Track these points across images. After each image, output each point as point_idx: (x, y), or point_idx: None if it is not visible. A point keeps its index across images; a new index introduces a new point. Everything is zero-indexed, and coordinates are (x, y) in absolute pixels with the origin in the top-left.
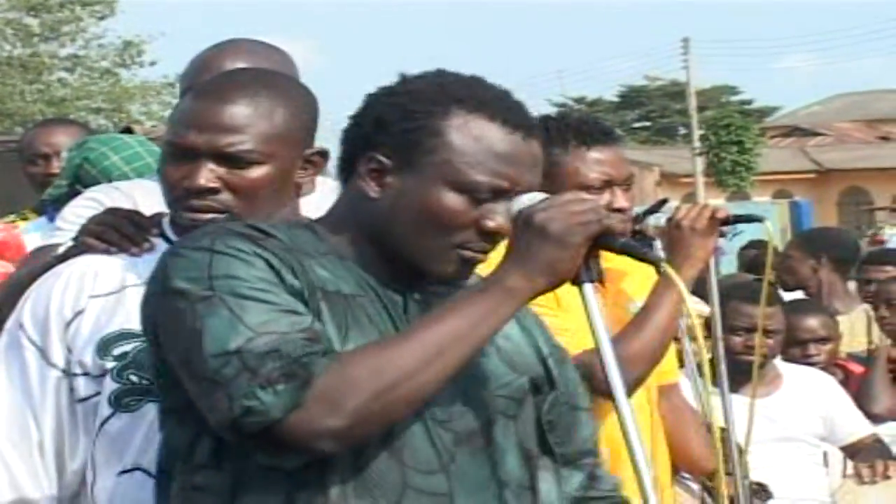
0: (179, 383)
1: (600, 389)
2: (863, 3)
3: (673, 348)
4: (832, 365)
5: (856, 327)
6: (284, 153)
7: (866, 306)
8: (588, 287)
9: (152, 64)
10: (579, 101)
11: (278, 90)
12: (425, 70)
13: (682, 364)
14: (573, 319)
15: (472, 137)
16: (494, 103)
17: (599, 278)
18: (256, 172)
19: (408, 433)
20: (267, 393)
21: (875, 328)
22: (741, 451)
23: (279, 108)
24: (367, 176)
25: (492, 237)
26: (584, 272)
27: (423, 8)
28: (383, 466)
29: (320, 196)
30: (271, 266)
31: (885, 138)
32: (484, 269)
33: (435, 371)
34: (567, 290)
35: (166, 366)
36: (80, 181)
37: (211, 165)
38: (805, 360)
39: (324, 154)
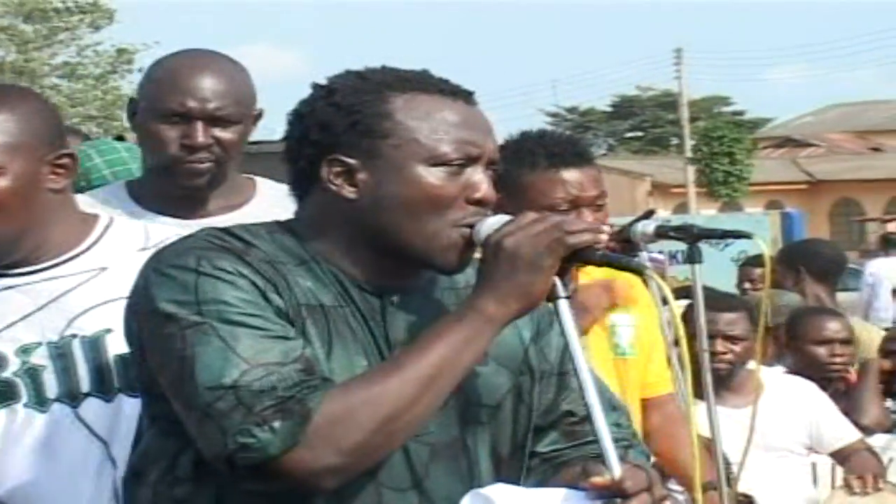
0: (166, 397)
1: None
2: (854, 15)
3: (664, 359)
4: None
5: None
6: (18, 163)
7: (848, 319)
8: (562, 303)
9: (140, 70)
10: (572, 110)
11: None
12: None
13: None
14: None
15: (421, 112)
16: (421, 79)
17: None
18: None
19: None
20: (263, 431)
21: (857, 341)
22: (728, 463)
23: (1, 119)
24: (336, 180)
25: (483, 207)
26: (559, 288)
27: (414, 17)
28: (360, 486)
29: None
30: (256, 286)
31: (876, 149)
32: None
33: (428, 400)
34: None
35: (151, 377)
36: None
37: None
38: (830, 359)
39: (72, 156)
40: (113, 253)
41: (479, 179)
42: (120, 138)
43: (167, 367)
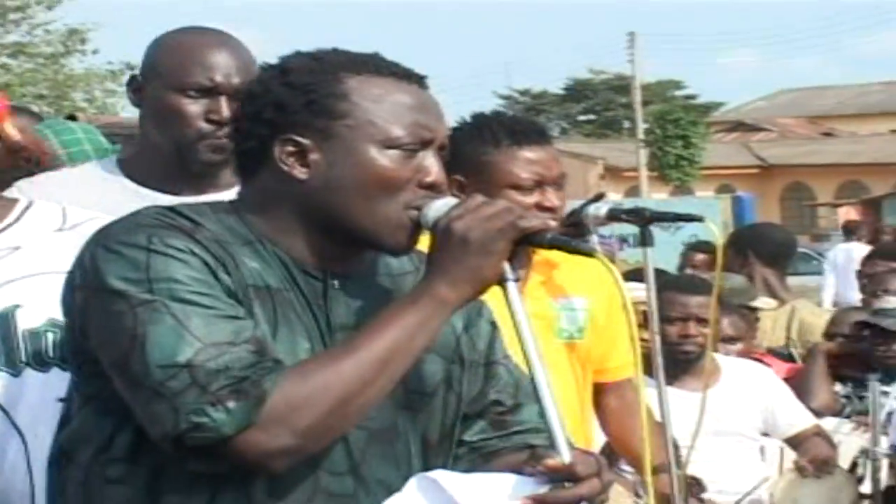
0: (105, 374)
1: None
2: (805, 1)
3: (627, 342)
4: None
5: (778, 322)
6: None
7: (795, 302)
8: (511, 285)
9: (95, 52)
10: (525, 93)
11: None
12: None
13: None
14: None
15: (376, 95)
16: (375, 61)
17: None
18: None
19: None
20: (217, 411)
21: (795, 324)
22: (677, 446)
23: None
24: (288, 159)
25: (434, 191)
26: (507, 271)
27: (370, 1)
28: (299, 470)
29: None
30: (207, 265)
31: (827, 134)
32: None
33: (381, 384)
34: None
35: (90, 355)
36: None
37: None
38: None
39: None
40: (28, 233)
41: (431, 163)
42: (72, 118)
43: (114, 345)
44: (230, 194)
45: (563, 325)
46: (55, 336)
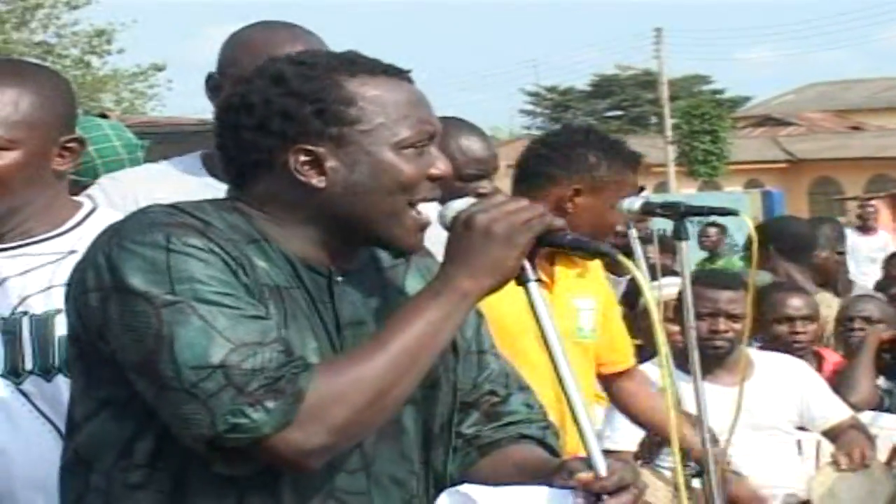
0: (122, 378)
1: None
2: None
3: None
4: (810, 350)
5: None
6: (33, 139)
7: (820, 295)
8: (533, 285)
9: (121, 52)
10: (552, 90)
11: (24, 78)
12: (259, 66)
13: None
14: None
15: (378, 96)
16: (362, 61)
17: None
18: (4, 159)
19: None
20: (257, 411)
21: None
22: (716, 440)
23: (25, 95)
24: (304, 168)
25: (441, 182)
26: (529, 271)
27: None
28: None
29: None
30: (227, 264)
31: (855, 128)
32: None
33: (410, 379)
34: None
35: (105, 358)
36: None
37: None
38: (792, 336)
39: (81, 141)
40: (87, 239)
41: (437, 156)
42: (103, 116)
43: (137, 346)
44: None
45: (580, 325)
46: None
